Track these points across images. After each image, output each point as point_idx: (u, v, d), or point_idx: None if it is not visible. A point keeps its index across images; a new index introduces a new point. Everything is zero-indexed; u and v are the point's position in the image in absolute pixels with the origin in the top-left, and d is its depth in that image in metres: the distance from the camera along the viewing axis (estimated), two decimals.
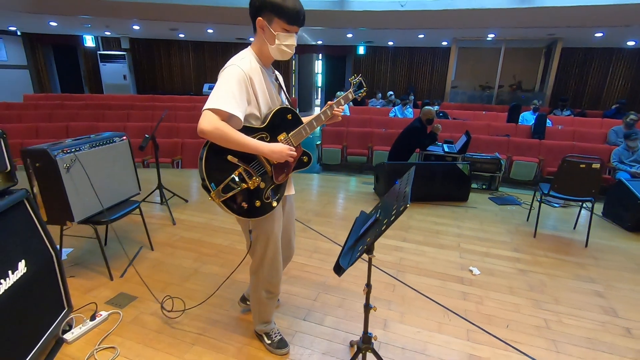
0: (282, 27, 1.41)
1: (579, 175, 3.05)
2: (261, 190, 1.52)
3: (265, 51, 1.48)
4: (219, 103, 1.32)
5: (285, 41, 1.44)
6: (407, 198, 1.09)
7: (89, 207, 2.34)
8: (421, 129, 4.71)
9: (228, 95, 1.34)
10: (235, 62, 1.42)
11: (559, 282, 2.61)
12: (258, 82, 1.45)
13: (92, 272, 2.54)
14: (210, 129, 1.31)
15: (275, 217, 1.65)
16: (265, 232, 1.64)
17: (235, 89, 1.36)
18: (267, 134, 1.51)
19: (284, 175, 1.59)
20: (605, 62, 9.68)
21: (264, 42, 1.46)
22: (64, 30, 10.24)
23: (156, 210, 3.68)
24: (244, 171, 1.45)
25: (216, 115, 1.33)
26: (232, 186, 1.43)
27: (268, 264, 1.71)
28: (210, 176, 1.41)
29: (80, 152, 2.29)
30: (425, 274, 2.66)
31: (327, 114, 1.69)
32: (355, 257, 1.16)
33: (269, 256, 1.69)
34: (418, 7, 7.39)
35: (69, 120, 7.20)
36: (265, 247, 1.67)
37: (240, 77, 1.38)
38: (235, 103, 1.35)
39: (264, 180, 1.51)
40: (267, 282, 1.75)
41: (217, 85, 1.39)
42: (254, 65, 1.45)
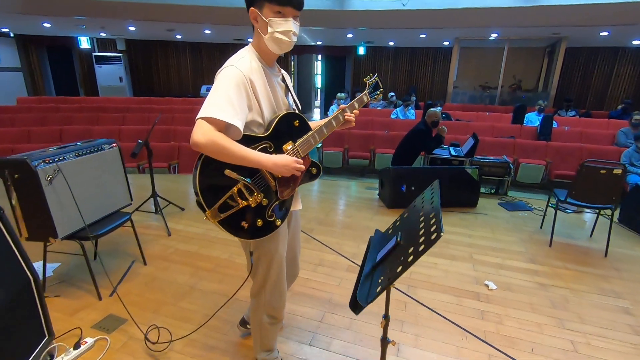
0: (273, 11, 1.22)
1: (598, 182, 2.87)
2: (264, 207, 1.33)
3: (264, 46, 1.30)
4: (214, 111, 1.15)
5: (279, 27, 1.23)
6: (439, 225, 0.91)
7: (74, 222, 2.15)
8: (427, 132, 4.53)
9: (225, 102, 1.17)
10: (233, 62, 1.24)
11: (583, 298, 2.43)
12: (260, 84, 1.28)
13: (79, 290, 2.35)
14: (204, 141, 1.14)
15: (280, 237, 1.47)
16: (268, 253, 1.46)
17: (233, 93, 1.19)
18: (271, 143, 1.32)
19: (290, 189, 1.41)
20: (610, 62, 9.52)
21: (259, 35, 1.29)
22: (58, 32, 10.04)
23: (150, 220, 3.49)
24: (244, 187, 1.27)
25: (211, 126, 1.16)
26: (231, 204, 1.25)
27: (271, 287, 1.53)
28: (206, 193, 1.23)
29: (65, 161, 2.10)
30: (439, 290, 2.48)
31: (339, 120, 1.50)
32: (375, 294, 0.98)
33: (272, 279, 1.51)
34: (420, 6, 7.21)
35: (62, 124, 7.00)
36: (267, 269, 1.49)
37: (239, 79, 1.20)
38: (233, 110, 1.18)
39: (267, 196, 1.33)
40: (270, 306, 1.57)
41: (212, 90, 1.21)
42: (254, 65, 1.27)
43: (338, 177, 6.33)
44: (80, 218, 2.15)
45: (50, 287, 2.36)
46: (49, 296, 2.26)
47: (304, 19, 1.29)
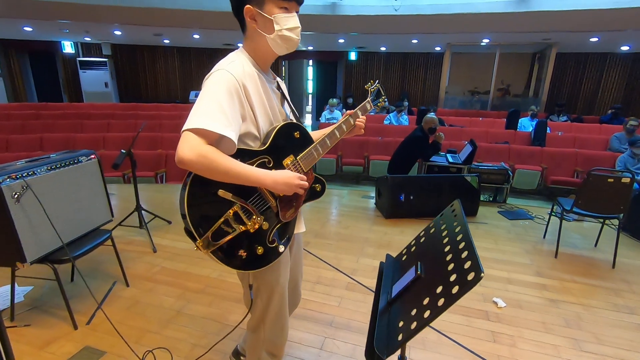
0: (278, 7, 1.09)
1: (606, 191, 2.76)
2: (264, 232, 1.15)
3: (261, 50, 1.15)
4: (203, 121, 0.98)
5: (287, 24, 1.10)
6: (477, 262, 0.75)
7: (46, 243, 1.93)
8: (424, 139, 4.41)
9: (216, 111, 1.00)
10: (224, 66, 1.07)
11: (596, 315, 2.30)
12: (255, 91, 1.11)
13: (53, 318, 2.12)
14: (192, 157, 0.96)
15: (282, 265, 1.29)
16: (269, 284, 1.28)
17: (225, 101, 1.02)
18: (270, 158, 1.15)
19: (293, 210, 1.23)
20: (599, 67, 9.62)
21: (259, 36, 1.12)
22: (40, 36, 9.70)
23: (134, 236, 3.26)
24: (241, 209, 1.09)
25: (200, 138, 0.98)
26: (226, 230, 1.07)
27: (271, 321, 1.35)
28: (196, 218, 1.04)
29: (35, 176, 1.89)
30: None
31: (343, 130, 1.36)
32: (398, 343, 0.81)
33: (272, 312, 1.33)
34: (412, 12, 7.16)
35: (43, 132, 6.69)
36: (268, 302, 1.30)
37: (231, 85, 1.04)
38: (225, 120, 1.01)
39: (267, 219, 1.16)
40: (270, 342, 1.39)
41: (200, 98, 1.03)
42: (248, 69, 1.11)
43: (332, 184, 6.17)
44: (52, 239, 1.94)
45: (19, 314, 2.13)
46: (18, 326, 2.03)
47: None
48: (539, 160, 5.98)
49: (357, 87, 11.65)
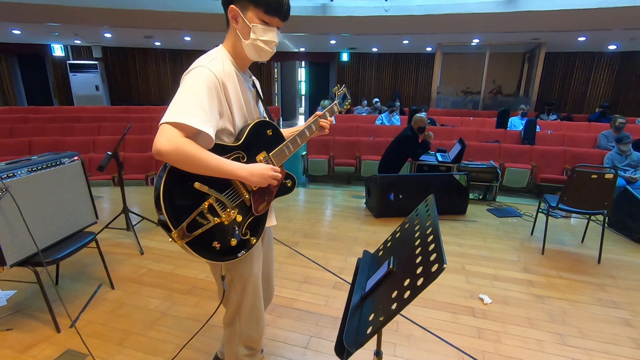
0: (259, 18, 1.12)
1: (590, 187, 2.79)
2: (238, 224, 1.18)
3: (240, 50, 1.17)
4: (182, 116, 1.00)
5: (263, 36, 1.13)
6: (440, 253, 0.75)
7: (26, 246, 1.91)
8: (413, 138, 4.43)
9: (195, 106, 1.02)
10: (204, 63, 1.09)
11: (581, 310, 2.32)
12: (233, 90, 1.14)
13: (35, 321, 2.09)
14: (170, 149, 0.98)
15: (255, 257, 1.32)
16: (242, 276, 1.30)
17: (204, 97, 1.04)
18: (244, 153, 1.19)
19: (265, 204, 1.27)
20: (588, 66, 9.74)
21: (237, 37, 1.15)
22: (29, 39, 9.61)
23: (121, 238, 3.23)
24: (216, 202, 1.11)
25: (178, 131, 1.00)
26: (201, 222, 1.09)
27: (246, 314, 1.36)
28: (171, 209, 1.05)
29: (15, 178, 1.87)
30: (432, 306, 2.33)
31: (312, 129, 1.42)
32: (366, 336, 0.81)
33: (247, 304, 1.34)
34: (402, 12, 7.20)
35: (32, 135, 6.62)
36: (242, 294, 1.32)
37: (211, 82, 1.06)
38: (204, 115, 1.03)
39: (240, 212, 1.18)
40: (246, 336, 1.40)
41: (179, 92, 1.05)
42: (227, 68, 1.13)
43: (324, 185, 6.17)
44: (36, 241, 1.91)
45: (2, 318, 2.11)
46: (0, 330, 2.01)
47: (287, 25, 1.16)
48: (529, 158, 6.03)
49: (349, 87, 11.68)
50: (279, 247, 3.14)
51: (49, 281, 2.46)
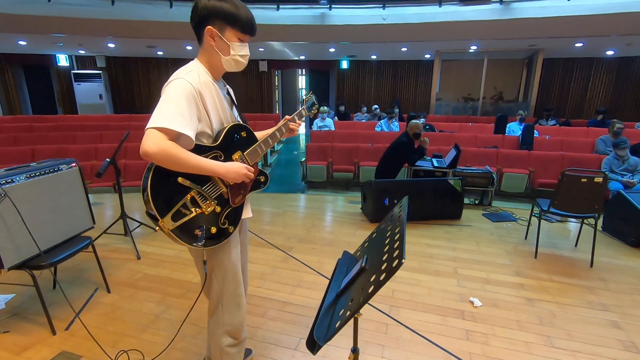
0: (236, 37, 1.29)
1: (580, 190, 2.82)
2: (217, 214, 1.34)
3: (215, 63, 1.32)
4: (165, 121, 1.14)
5: (241, 51, 1.31)
6: (402, 250, 0.80)
7: (24, 250, 1.97)
8: (408, 144, 4.48)
9: (175, 112, 1.16)
10: (182, 75, 1.22)
11: (570, 312, 2.34)
12: (209, 97, 1.29)
13: (32, 324, 2.14)
14: (155, 150, 1.11)
15: (232, 245, 1.44)
16: (221, 263, 1.42)
17: (184, 105, 1.18)
18: (221, 152, 1.34)
19: (241, 196, 1.41)
20: (586, 72, 9.78)
21: (214, 52, 1.30)
22: (34, 50, 9.82)
23: (119, 243, 3.29)
24: (197, 194, 1.27)
25: (162, 134, 1.14)
26: (184, 212, 1.24)
27: (228, 302, 1.47)
28: (158, 202, 1.19)
29: (14, 184, 1.94)
30: (422, 309, 2.36)
31: (282, 131, 1.55)
32: (335, 329, 0.86)
33: (228, 291, 1.46)
34: (399, 21, 7.31)
35: (36, 143, 6.74)
36: (223, 281, 1.45)
37: (189, 91, 1.20)
38: (184, 120, 1.17)
39: (219, 203, 1.34)
40: (229, 323, 1.50)
41: (161, 101, 1.18)
42: (203, 78, 1.28)
43: (323, 191, 6.22)
44: (30, 246, 1.97)
45: None
46: None
47: (287, 33, 1.29)
48: (527, 163, 6.05)
49: (349, 95, 11.79)
50: (274, 251, 3.18)
51: (46, 285, 2.52)
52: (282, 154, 9.36)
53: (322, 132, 7.63)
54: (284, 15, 7.48)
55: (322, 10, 7.40)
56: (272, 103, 12.16)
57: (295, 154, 9.26)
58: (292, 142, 10.89)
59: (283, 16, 7.48)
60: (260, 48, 9.59)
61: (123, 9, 7.25)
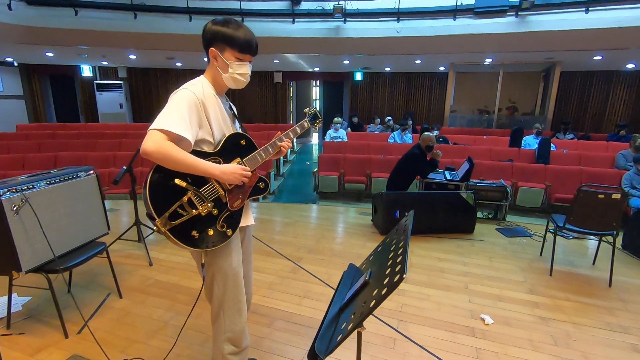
0: (234, 56, 1.38)
1: (597, 207, 2.75)
2: (214, 217, 1.37)
3: (219, 79, 1.43)
4: (166, 124, 1.23)
5: (239, 70, 1.40)
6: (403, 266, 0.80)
7: (42, 254, 2.03)
8: (421, 156, 4.45)
9: (177, 117, 1.25)
10: (187, 86, 1.33)
11: (587, 333, 2.26)
12: (211, 108, 1.38)
13: (46, 327, 2.20)
14: (153, 148, 1.19)
15: (233, 250, 1.47)
16: (222, 269, 1.45)
17: (185, 111, 1.28)
18: (220, 158, 1.40)
19: (240, 201, 1.45)
20: (606, 85, 9.57)
21: (217, 70, 1.41)
22: (60, 61, 10.25)
23: (132, 249, 3.36)
24: (194, 196, 1.32)
25: (163, 135, 1.22)
26: (181, 213, 1.28)
27: (229, 308, 1.49)
28: (156, 202, 1.24)
29: (34, 190, 2.02)
30: (431, 324, 2.31)
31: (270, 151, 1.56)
32: (336, 342, 0.86)
33: (229, 297, 1.48)
34: (414, 33, 7.34)
35: (58, 150, 6.99)
36: (224, 287, 1.47)
37: (192, 100, 1.30)
38: (184, 125, 1.26)
39: (217, 206, 1.38)
40: (230, 330, 1.51)
41: (166, 107, 1.27)
42: (207, 91, 1.37)
43: (334, 202, 6.22)
44: (48, 250, 2.04)
45: (15, 323, 2.22)
46: (13, 334, 2.12)
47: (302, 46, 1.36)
48: (543, 177, 5.92)
49: (362, 106, 11.82)
50: (283, 261, 3.19)
51: (62, 288, 2.58)
52: (295, 164, 9.43)
53: (335, 142, 7.67)
54: (299, 29, 7.62)
55: (337, 23, 7.52)
56: (286, 113, 12.31)
57: (308, 164, 9.31)
58: (305, 153, 10.96)
59: (299, 29, 7.62)
60: (276, 60, 9.77)
61: (145, 22, 7.53)
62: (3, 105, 10.50)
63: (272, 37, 7.47)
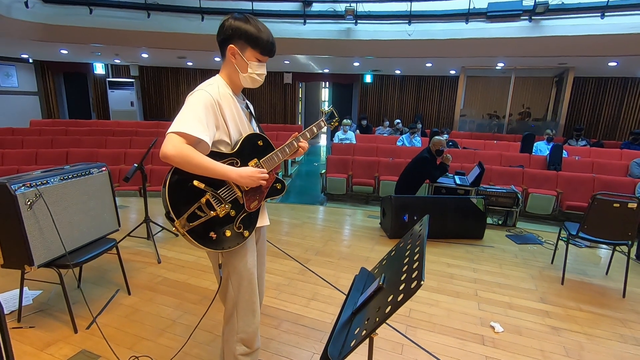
0: (255, 57, 1.37)
1: (612, 216, 2.69)
2: (232, 218, 1.37)
3: (235, 78, 1.41)
4: (184, 127, 1.23)
5: (258, 70, 1.39)
6: (421, 272, 0.78)
7: (54, 249, 2.05)
8: (430, 160, 4.42)
9: (194, 119, 1.25)
10: (203, 87, 1.32)
11: (600, 345, 2.21)
12: (227, 108, 1.37)
13: (56, 321, 2.22)
14: (173, 152, 1.20)
15: (248, 251, 1.47)
16: (237, 269, 1.45)
17: (202, 113, 1.27)
18: (237, 159, 1.40)
19: (257, 202, 1.45)
20: (620, 92, 9.40)
21: (235, 69, 1.38)
22: (74, 58, 10.41)
23: (141, 247, 3.38)
24: (212, 197, 1.32)
25: (181, 139, 1.23)
26: (199, 214, 1.29)
27: (243, 309, 1.49)
28: (175, 204, 1.25)
29: (48, 185, 2.04)
30: (440, 331, 2.28)
31: (292, 148, 1.56)
32: (350, 348, 0.84)
33: (243, 298, 1.48)
34: (425, 36, 7.30)
35: (70, 146, 7.09)
36: (238, 288, 1.47)
37: (208, 101, 1.29)
38: (202, 127, 1.26)
39: (234, 207, 1.38)
40: (242, 331, 1.50)
41: (183, 109, 1.27)
42: (222, 91, 1.38)
43: (342, 204, 6.21)
44: (60, 245, 2.06)
45: (26, 317, 2.24)
46: (23, 327, 2.14)
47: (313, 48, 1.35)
48: (554, 184, 5.84)
49: (371, 109, 11.80)
50: (291, 262, 3.18)
51: (72, 283, 2.61)
52: (303, 165, 9.43)
53: (343, 144, 7.65)
54: (310, 30, 7.63)
55: (348, 25, 7.51)
56: (295, 114, 12.33)
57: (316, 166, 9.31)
58: (313, 154, 10.97)
59: (309, 30, 7.63)
60: (286, 61, 9.79)
61: (158, 21, 7.61)
62: (18, 101, 10.68)
63: (283, 38, 7.48)
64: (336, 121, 1.75)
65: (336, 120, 1.75)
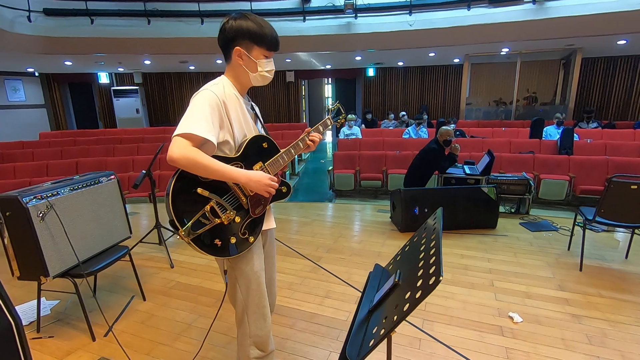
0: (262, 54, 1.35)
1: (629, 198, 2.62)
2: (236, 225, 1.35)
3: (242, 79, 1.39)
4: (190, 127, 1.21)
5: (267, 67, 1.38)
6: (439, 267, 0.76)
7: (67, 259, 2.07)
8: (439, 151, 4.35)
9: (200, 119, 1.23)
10: (208, 87, 1.30)
11: (623, 331, 2.15)
12: (233, 109, 1.34)
13: (74, 330, 2.24)
14: (180, 156, 1.18)
15: (255, 255, 1.44)
16: (244, 274, 1.43)
17: (208, 112, 1.25)
18: (242, 163, 1.37)
19: (262, 207, 1.42)
20: (631, 70, 9.17)
21: (242, 70, 1.36)
22: (79, 69, 10.52)
23: (153, 252, 3.40)
24: (217, 205, 1.30)
25: (187, 141, 1.20)
26: (203, 222, 1.27)
27: (253, 313, 1.47)
28: (178, 212, 1.24)
29: (59, 196, 2.05)
30: (457, 323, 2.25)
31: (306, 141, 1.53)
32: (368, 348, 0.82)
33: (253, 302, 1.46)
34: (427, 26, 7.20)
35: (79, 156, 7.18)
36: (247, 292, 1.45)
37: (213, 101, 1.27)
38: (207, 127, 1.23)
39: (239, 214, 1.36)
40: (255, 335, 1.50)
41: (189, 110, 1.25)
42: (228, 91, 1.35)
43: (351, 200, 6.17)
44: (73, 255, 2.07)
45: (45, 327, 2.27)
46: (43, 337, 2.17)
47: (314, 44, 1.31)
48: (567, 169, 5.72)
49: (376, 102, 11.71)
50: (302, 261, 3.17)
51: (87, 291, 2.63)
52: (310, 163, 9.41)
53: (349, 140, 7.60)
54: (310, 26, 7.58)
55: (348, 19, 7.44)
56: (299, 112, 12.30)
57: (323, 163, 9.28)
58: (320, 151, 10.93)
59: (309, 27, 7.58)
60: (287, 59, 9.76)
61: (158, 27, 7.64)
62: (27, 114, 10.85)
63: (284, 36, 7.41)
64: (343, 118, 1.71)
65: (343, 116, 1.71)
